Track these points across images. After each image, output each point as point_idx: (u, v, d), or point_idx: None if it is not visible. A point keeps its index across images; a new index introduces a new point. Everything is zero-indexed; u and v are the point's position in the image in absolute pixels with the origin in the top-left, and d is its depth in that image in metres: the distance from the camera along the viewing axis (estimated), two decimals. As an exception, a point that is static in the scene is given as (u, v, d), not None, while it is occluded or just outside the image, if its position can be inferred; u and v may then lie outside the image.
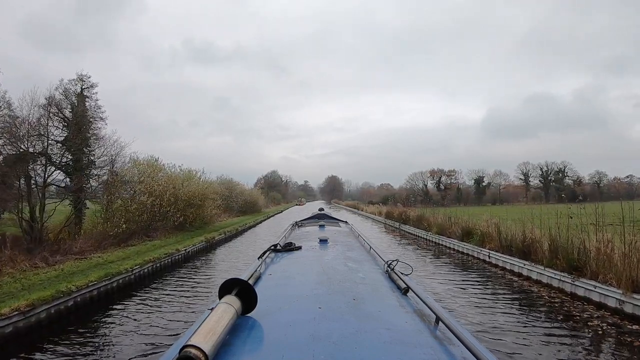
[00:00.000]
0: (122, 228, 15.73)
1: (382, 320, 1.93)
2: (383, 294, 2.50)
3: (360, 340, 1.63)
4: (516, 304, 8.16)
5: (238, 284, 1.89)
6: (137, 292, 9.68)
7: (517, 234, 10.93)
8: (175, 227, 19.35)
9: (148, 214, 17.41)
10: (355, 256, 3.82)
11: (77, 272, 9.64)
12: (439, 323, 1.86)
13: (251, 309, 1.90)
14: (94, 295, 8.71)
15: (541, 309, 7.76)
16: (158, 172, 19.61)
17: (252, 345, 1.62)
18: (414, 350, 1.59)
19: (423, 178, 79.00)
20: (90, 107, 20.19)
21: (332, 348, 1.53)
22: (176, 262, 13.78)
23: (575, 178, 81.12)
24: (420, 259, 13.69)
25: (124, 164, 19.32)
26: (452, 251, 15.11)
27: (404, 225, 23.90)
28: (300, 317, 1.92)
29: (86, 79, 20.93)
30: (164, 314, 7.76)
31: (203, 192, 21.78)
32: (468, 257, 13.61)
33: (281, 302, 2.20)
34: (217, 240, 19.87)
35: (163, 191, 18.33)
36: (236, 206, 38.89)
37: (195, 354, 1.30)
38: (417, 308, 2.18)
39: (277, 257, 3.79)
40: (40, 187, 15.04)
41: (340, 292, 2.39)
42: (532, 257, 10.18)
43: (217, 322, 1.53)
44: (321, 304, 2.08)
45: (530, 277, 9.97)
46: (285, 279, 2.88)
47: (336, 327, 1.76)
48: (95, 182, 18.33)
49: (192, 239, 17.51)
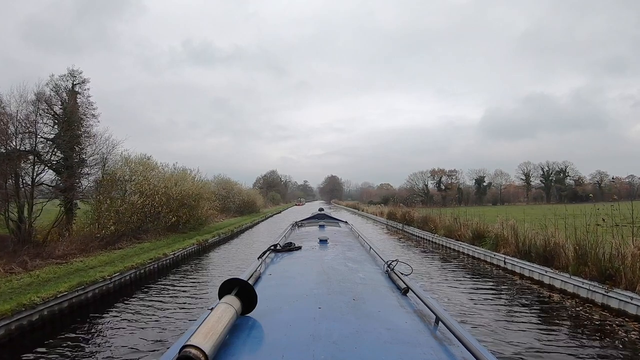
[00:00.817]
0: (111, 230, 14.79)
1: (382, 320, 1.92)
2: (383, 294, 2.48)
3: (360, 340, 1.62)
4: (539, 317, 7.37)
5: (238, 284, 1.87)
6: (115, 304, 8.66)
7: (537, 238, 9.96)
8: (167, 229, 18.36)
9: (138, 215, 16.41)
10: (355, 256, 3.78)
11: (51, 280, 8.70)
12: (439, 323, 1.84)
13: (251, 309, 1.89)
14: (64, 307, 7.69)
15: (567, 323, 6.97)
16: (150, 171, 18.64)
17: (252, 345, 1.61)
18: (414, 350, 1.58)
19: (424, 178, 78.12)
20: (81, 103, 19.50)
21: (332, 348, 1.51)
22: (163, 268, 12.74)
23: (577, 178, 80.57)
24: (427, 264, 12.75)
25: (116, 162, 18.58)
26: (462, 255, 14.17)
27: (408, 227, 22.92)
28: (300, 317, 1.91)
29: (77, 75, 20.39)
30: (144, 331, 6.76)
31: (197, 192, 20.70)
32: (480, 262, 12.66)
33: (281, 302, 2.18)
34: (211, 243, 18.83)
35: (154, 191, 17.33)
36: (233, 206, 37.76)
37: (195, 354, 1.29)
38: (417, 308, 2.17)
39: (277, 257, 3.75)
40: (29, 187, 14.32)
41: (340, 292, 2.36)
42: (556, 263, 9.23)
43: (217, 322, 1.52)
44: (321, 304, 2.06)
45: (554, 286, 9.07)
46: (285, 279, 2.86)
47: (336, 327, 1.75)
48: (86, 181, 17.67)
49: (183, 241, 16.51)
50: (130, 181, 17.86)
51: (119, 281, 9.99)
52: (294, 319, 1.89)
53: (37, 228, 14.00)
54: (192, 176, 21.80)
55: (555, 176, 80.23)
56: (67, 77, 19.98)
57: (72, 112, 17.98)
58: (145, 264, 11.63)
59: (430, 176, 78.53)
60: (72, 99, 18.84)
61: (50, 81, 17.99)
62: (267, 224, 35.29)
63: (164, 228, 17.82)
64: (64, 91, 18.39)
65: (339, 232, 6.00)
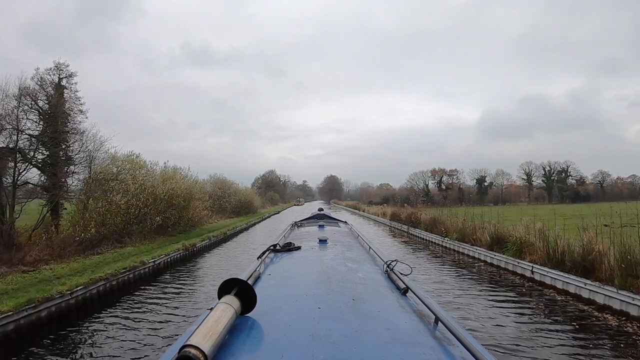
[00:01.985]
0: (91, 233, 13.49)
1: (382, 320, 1.90)
2: (382, 294, 2.45)
3: (359, 340, 1.59)
4: (576, 337, 6.31)
5: (237, 284, 1.84)
6: (74, 327, 7.13)
7: (574, 244, 8.67)
8: (155, 232, 17.00)
9: (122, 216, 15.07)
10: (355, 256, 3.76)
11: (5, 294, 7.31)
12: (439, 323, 1.81)
13: (250, 308, 1.86)
14: (8, 330, 6.28)
15: (612, 344, 5.90)
16: (139, 169, 17.31)
17: (251, 345, 1.60)
18: (413, 350, 1.57)
19: (424, 178, 76.91)
20: (68, 98, 18.44)
21: (331, 348, 1.49)
22: (140, 278, 11.08)
23: (578, 178, 79.66)
24: (439, 272, 11.48)
25: (103, 160, 17.43)
26: (479, 262, 12.86)
27: (414, 229, 21.58)
28: (300, 317, 1.88)
29: (64, 68, 19.39)
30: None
31: (188, 191, 19.27)
32: (501, 270, 11.40)
33: (280, 302, 2.15)
34: (199, 247, 17.06)
35: (140, 189, 15.98)
36: (229, 207, 36.26)
37: (195, 354, 1.26)
38: (416, 308, 2.15)
39: (276, 257, 3.71)
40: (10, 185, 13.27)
41: (340, 292, 2.33)
42: (596, 274, 7.95)
43: (217, 322, 1.49)
44: (321, 304, 2.03)
45: (595, 301, 7.81)
46: (284, 278, 2.82)
47: (336, 327, 1.72)
48: (72, 180, 16.76)
49: (168, 246, 15.02)
50: (116, 180, 16.55)
51: (83, 296, 8.41)
52: (294, 319, 1.87)
53: (19, 230, 12.80)
54: (183, 175, 20.28)
55: (557, 176, 79.24)
56: (53, 70, 19.08)
57: (58, 107, 16.97)
58: (118, 274, 10.07)
59: (431, 176, 77.39)
60: (58, 94, 17.96)
61: (35, 75, 16.96)
62: (263, 226, 33.97)
63: (150, 231, 16.44)
64: (49, 85, 17.43)
65: (338, 232, 5.95)
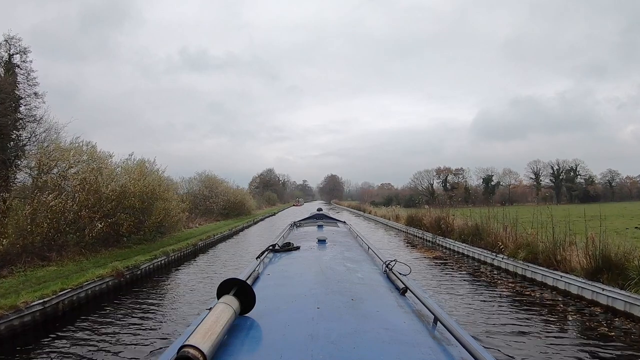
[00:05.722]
0: (2, 245, 9.78)
1: (381, 320, 1.89)
2: (381, 294, 2.45)
3: (358, 340, 1.59)
4: None
5: (236, 284, 1.83)
6: None
7: None
8: (103, 242, 12.34)
9: (49, 222, 10.60)
10: (354, 256, 3.70)
11: None
12: (437, 323, 1.82)
13: (249, 309, 1.85)
14: None
15: None
16: (79, 160, 12.85)
17: (250, 345, 1.58)
18: (412, 350, 1.56)
19: (429, 177, 72.94)
20: (22, 80, 15.54)
21: (330, 348, 1.48)
22: (16, 335, 6.58)
23: (587, 177, 76.05)
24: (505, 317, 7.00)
25: (44, 149, 14.24)
26: (574, 300, 8.43)
27: (445, 239, 16.97)
28: (299, 317, 1.87)
29: (16, 43, 16.02)
30: None
31: (150, 190, 14.65)
32: (620, 316, 6.98)
33: (279, 302, 2.15)
34: (144, 271, 11.78)
35: (80, 187, 11.50)
36: (217, 208, 31.49)
37: (194, 354, 1.25)
38: (415, 308, 2.14)
39: (275, 257, 3.66)
40: None
41: (339, 292, 2.32)
42: None
43: (216, 322, 1.48)
44: (319, 304, 2.02)
45: None
46: (283, 279, 2.81)
47: (334, 327, 1.71)
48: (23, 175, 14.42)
49: (95, 270, 10.00)
50: (49, 173, 12.34)
51: None
52: (293, 319, 1.86)
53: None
54: (144, 169, 15.30)
55: (566, 175, 75.55)
56: (2, 45, 15.42)
57: (7, 88, 13.97)
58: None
59: (436, 175, 73.52)
60: (9, 73, 14.84)
61: (-18, 51, 14.38)
62: (255, 230, 29.47)
63: (91, 242, 11.90)
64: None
65: (337, 232, 5.91)
